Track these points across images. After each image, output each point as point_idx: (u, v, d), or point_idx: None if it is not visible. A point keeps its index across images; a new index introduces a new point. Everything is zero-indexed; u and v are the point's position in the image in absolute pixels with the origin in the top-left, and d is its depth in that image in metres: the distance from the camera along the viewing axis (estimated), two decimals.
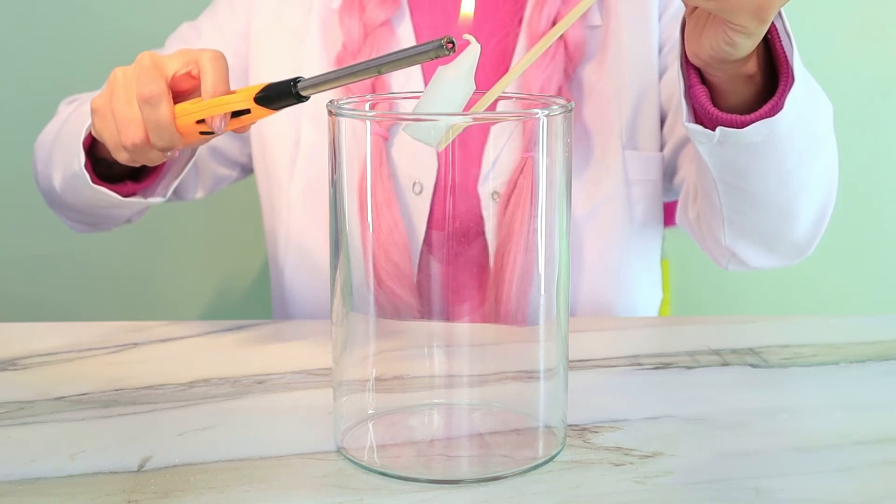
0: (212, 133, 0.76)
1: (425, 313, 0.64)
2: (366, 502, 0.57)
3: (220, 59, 0.77)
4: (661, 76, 1.03)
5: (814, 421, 0.69)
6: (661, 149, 1.04)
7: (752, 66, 0.75)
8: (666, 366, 0.80)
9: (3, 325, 0.91)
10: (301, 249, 1.06)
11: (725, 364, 0.80)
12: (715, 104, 0.78)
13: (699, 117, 0.80)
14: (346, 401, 0.65)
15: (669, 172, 1.05)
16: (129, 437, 0.67)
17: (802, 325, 0.91)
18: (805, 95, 0.78)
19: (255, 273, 1.71)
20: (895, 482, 0.60)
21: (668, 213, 1.14)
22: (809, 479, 0.60)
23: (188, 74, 0.77)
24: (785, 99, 0.75)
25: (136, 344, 0.86)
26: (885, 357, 0.81)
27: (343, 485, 0.59)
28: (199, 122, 0.76)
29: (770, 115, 0.76)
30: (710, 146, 0.79)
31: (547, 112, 0.59)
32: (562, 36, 1.00)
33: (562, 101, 0.61)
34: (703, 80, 0.78)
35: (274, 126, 1.06)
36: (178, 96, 0.78)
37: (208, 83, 0.75)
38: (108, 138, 0.80)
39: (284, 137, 1.06)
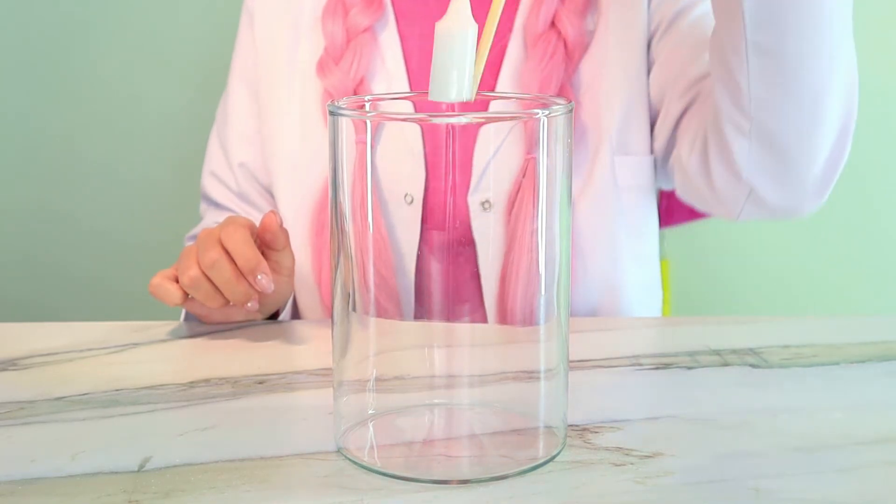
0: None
1: (421, 316, 0.64)
2: (366, 502, 0.57)
3: (237, 233, 0.86)
4: (649, 71, 1.03)
5: (814, 421, 0.69)
6: (652, 151, 1.04)
7: None
8: (666, 366, 0.80)
9: (3, 325, 0.91)
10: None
11: (725, 364, 0.80)
12: None
13: None
14: (346, 401, 0.65)
15: (669, 149, 1.03)
16: (129, 437, 0.67)
17: (802, 325, 0.91)
18: None
19: None
20: (895, 482, 0.60)
21: (665, 214, 1.14)
22: (809, 479, 0.60)
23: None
24: None
25: (136, 344, 0.86)
26: (885, 357, 0.81)
27: (343, 485, 0.59)
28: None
29: None
30: None
31: (548, 112, 0.59)
32: (560, 35, 1.00)
33: (562, 101, 0.61)
34: None
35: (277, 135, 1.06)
36: None
37: (238, 258, 0.85)
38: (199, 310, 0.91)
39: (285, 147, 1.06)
